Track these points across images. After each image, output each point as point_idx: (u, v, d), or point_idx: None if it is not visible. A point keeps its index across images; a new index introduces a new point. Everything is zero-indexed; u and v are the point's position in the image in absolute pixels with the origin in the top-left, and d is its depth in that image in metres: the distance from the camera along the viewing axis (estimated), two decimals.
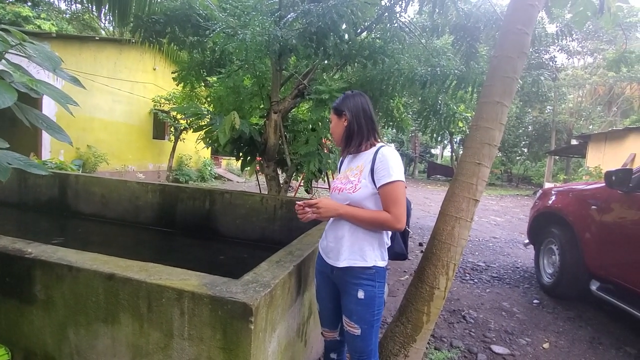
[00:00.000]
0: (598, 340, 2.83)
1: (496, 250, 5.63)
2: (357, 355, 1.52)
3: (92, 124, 9.18)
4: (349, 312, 1.48)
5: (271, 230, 3.43)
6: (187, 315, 1.25)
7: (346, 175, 1.56)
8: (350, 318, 1.47)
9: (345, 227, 1.48)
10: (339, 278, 1.52)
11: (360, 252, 1.46)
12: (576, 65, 20.68)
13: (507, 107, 1.96)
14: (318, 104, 3.57)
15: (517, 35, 1.94)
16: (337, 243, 1.49)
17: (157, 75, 10.99)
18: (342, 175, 1.59)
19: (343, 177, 1.57)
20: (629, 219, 2.98)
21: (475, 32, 3.80)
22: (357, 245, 1.46)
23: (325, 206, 1.43)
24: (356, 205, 1.45)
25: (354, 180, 1.49)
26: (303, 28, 2.56)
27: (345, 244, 1.47)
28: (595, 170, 11.94)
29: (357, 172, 1.50)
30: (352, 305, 1.47)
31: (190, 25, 3.69)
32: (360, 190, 1.45)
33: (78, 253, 1.53)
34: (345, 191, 1.50)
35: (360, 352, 1.51)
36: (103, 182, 3.97)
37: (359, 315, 1.46)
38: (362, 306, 1.45)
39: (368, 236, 1.46)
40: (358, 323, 1.46)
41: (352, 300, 1.46)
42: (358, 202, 1.45)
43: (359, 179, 1.47)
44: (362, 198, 1.45)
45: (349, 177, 1.53)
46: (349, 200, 1.47)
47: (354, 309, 1.46)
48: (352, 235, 1.47)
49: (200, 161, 13.14)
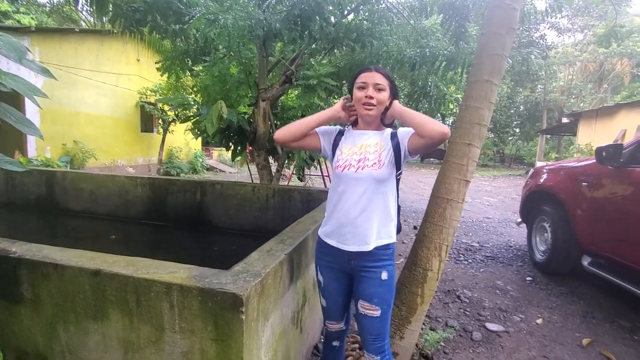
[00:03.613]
0: (591, 314, 2.89)
1: (489, 230, 5.69)
2: (372, 338, 1.48)
3: (78, 119, 8.99)
4: (369, 295, 1.44)
5: (264, 220, 3.41)
6: (177, 309, 1.23)
7: (358, 151, 1.46)
8: (371, 301, 1.44)
9: (372, 206, 1.41)
10: (358, 265, 1.45)
11: (387, 229, 1.44)
12: (566, 43, 20.66)
13: (497, 86, 1.93)
14: (307, 89, 3.50)
15: (505, 10, 1.89)
16: (365, 225, 1.41)
17: (142, 67, 10.74)
18: (349, 152, 1.48)
19: (354, 154, 1.46)
20: (619, 194, 3.00)
21: (464, 11, 3.73)
22: (385, 223, 1.44)
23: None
24: (378, 182, 1.41)
25: (374, 158, 1.42)
26: (287, 11, 2.49)
27: (375, 224, 1.42)
28: (586, 147, 12.06)
29: (376, 149, 1.43)
30: (373, 289, 1.43)
31: (172, 12, 3.56)
32: (385, 167, 1.41)
33: (63, 250, 1.50)
34: (367, 168, 1.41)
35: (377, 334, 1.47)
36: (91, 177, 3.90)
37: (381, 296, 1.43)
38: (385, 287, 1.43)
39: (391, 212, 1.45)
40: (379, 304, 1.43)
41: (374, 283, 1.43)
42: (383, 179, 1.41)
43: (380, 155, 1.42)
44: (387, 175, 1.42)
45: (366, 154, 1.44)
46: (373, 177, 1.40)
47: (376, 291, 1.43)
48: (382, 214, 1.43)
49: (191, 153, 13.00)
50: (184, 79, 5.70)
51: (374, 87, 1.41)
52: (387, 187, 1.44)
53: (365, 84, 1.42)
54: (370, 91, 1.40)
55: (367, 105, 1.41)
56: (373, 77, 1.41)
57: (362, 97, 1.41)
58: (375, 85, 1.41)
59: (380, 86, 1.41)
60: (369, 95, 1.40)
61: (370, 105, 1.41)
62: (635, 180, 2.82)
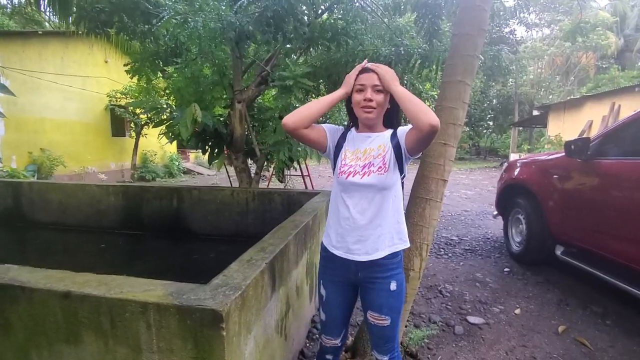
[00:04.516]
0: (565, 301, 3.00)
1: (468, 223, 5.83)
2: (383, 342, 1.47)
3: (44, 125, 8.59)
4: (378, 307, 1.41)
5: (245, 224, 3.36)
6: (154, 328, 1.18)
7: (362, 157, 1.40)
8: (380, 312, 1.41)
9: (381, 211, 1.36)
10: (367, 277, 1.41)
11: (400, 233, 1.41)
12: (535, 37, 21.37)
13: (469, 86, 1.96)
14: (283, 90, 3.45)
15: (476, 11, 1.92)
16: (374, 232, 1.37)
17: (110, 69, 10.36)
18: (352, 157, 1.42)
19: (358, 159, 1.40)
20: (587, 186, 3.13)
21: (436, 9, 3.77)
22: (397, 227, 1.40)
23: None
24: (385, 187, 1.36)
25: (379, 162, 1.36)
26: (259, 12, 2.44)
27: (385, 230, 1.37)
28: (556, 138, 12.54)
29: (380, 152, 1.37)
30: (382, 300, 1.40)
31: (140, 12, 3.43)
32: (390, 171, 1.35)
33: (32, 271, 1.41)
34: (373, 174, 1.35)
35: (387, 339, 1.46)
36: (59, 187, 3.73)
37: (390, 306, 1.41)
38: (394, 297, 1.41)
39: (401, 214, 1.42)
40: (389, 314, 1.41)
41: (383, 294, 1.40)
42: (389, 183, 1.36)
43: (384, 158, 1.36)
44: (394, 178, 1.37)
45: (371, 158, 1.38)
46: (379, 182, 1.35)
47: (385, 302, 1.40)
48: (391, 218, 1.38)
49: (166, 156, 12.68)
50: (155, 81, 5.52)
51: (372, 89, 1.35)
52: (394, 191, 1.40)
53: (363, 86, 1.36)
54: (369, 93, 1.35)
55: (366, 108, 1.36)
56: (371, 79, 1.36)
57: (361, 100, 1.36)
58: (374, 86, 1.35)
59: (379, 87, 1.35)
60: (367, 97, 1.34)
61: (370, 108, 1.36)
62: (601, 172, 2.95)
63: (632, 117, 2.91)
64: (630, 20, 19.14)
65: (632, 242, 2.64)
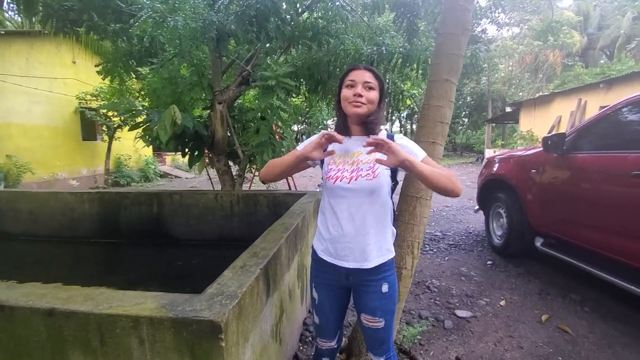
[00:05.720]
0: (546, 291, 3.11)
1: (450, 218, 5.95)
2: (378, 344, 1.47)
3: (9, 131, 8.13)
4: (371, 309, 1.40)
5: (229, 228, 3.29)
6: (147, 343, 1.12)
7: (350, 160, 1.37)
8: (374, 314, 1.40)
9: (368, 219, 1.34)
10: (358, 281, 1.40)
11: (387, 243, 1.39)
12: (505, 36, 22.08)
13: (455, 84, 1.98)
14: (265, 90, 3.39)
15: (459, 11, 1.95)
16: (362, 240, 1.35)
17: (79, 69, 9.92)
18: (340, 161, 1.39)
19: (346, 163, 1.38)
20: (563, 179, 3.25)
21: (414, 8, 3.81)
22: (384, 236, 1.38)
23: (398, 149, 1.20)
24: (374, 193, 1.34)
25: (367, 167, 1.34)
26: (241, 11, 2.38)
27: (373, 239, 1.36)
28: (528, 133, 13.01)
29: (369, 157, 1.34)
30: (375, 302, 1.39)
31: (111, 10, 3.28)
32: (379, 176, 1.33)
33: (11, 288, 1.32)
34: (360, 178, 1.33)
35: (382, 341, 1.46)
36: (29, 196, 3.52)
37: (384, 308, 1.40)
38: (387, 299, 1.40)
39: (388, 223, 1.41)
40: (382, 316, 1.40)
41: (376, 297, 1.39)
42: (379, 188, 1.35)
43: (374, 166, 1.34)
44: (382, 184, 1.35)
45: (359, 163, 1.36)
46: (367, 187, 1.33)
47: (379, 304, 1.39)
48: (378, 227, 1.36)
49: (141, 160, 12.27)
50: (128, 82, 5.32)
51: (363, 86, 1.33)
52: (383, 197, 1.38)
53: (354, 82, 1.34)
54: (359, 89, 1.33)
55: (355, 103, 1.33)
56: (362, 75, 1.34)
57: (351, 96, 1.34)
58: (365, 83, 1.34)
59: (370, 85, 1.34)
60: (357, 93, 1.32)
61: (359, 103, 1.33)
62: (576, 166, 3.07)
63: (603, 113, 3.05)
64: (593, 19, 20.14)
65: (603, 230, 2.77)
